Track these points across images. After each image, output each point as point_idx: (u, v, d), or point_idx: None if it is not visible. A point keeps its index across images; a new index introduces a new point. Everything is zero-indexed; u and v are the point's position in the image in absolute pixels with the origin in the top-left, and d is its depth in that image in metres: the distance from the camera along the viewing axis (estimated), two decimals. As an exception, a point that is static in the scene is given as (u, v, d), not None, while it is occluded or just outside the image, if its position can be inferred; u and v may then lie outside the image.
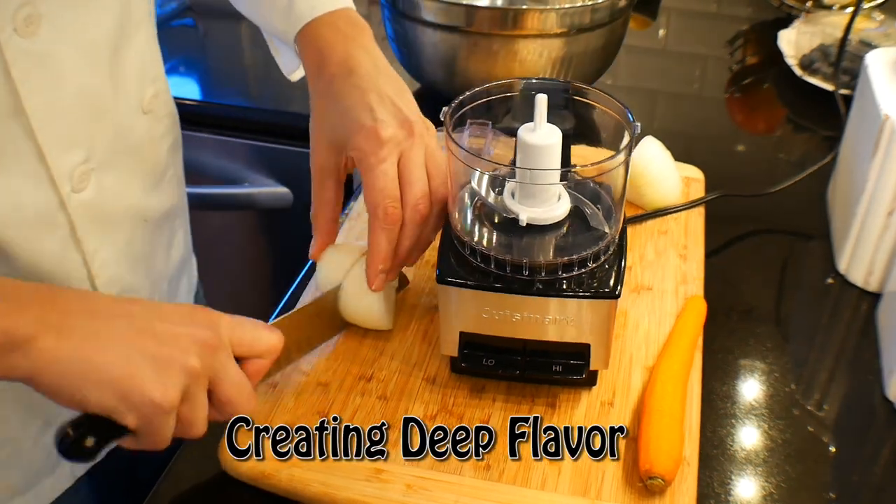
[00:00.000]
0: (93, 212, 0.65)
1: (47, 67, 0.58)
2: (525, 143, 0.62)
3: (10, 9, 0.54)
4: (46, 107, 0.59)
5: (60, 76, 0.59)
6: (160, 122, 0.74)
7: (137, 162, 0.71)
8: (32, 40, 0.56)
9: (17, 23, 0.55)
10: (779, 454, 0.68)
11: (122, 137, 0.68)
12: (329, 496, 0.62)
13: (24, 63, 0.56)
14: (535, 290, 0.63)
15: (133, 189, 0.71)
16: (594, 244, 0.63)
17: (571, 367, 0.66)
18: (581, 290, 0.62)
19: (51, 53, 0.58)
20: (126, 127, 0.68)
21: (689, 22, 1.46)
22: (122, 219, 0.70)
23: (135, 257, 0.73)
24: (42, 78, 0.58)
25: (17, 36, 0.55)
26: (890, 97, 0.81)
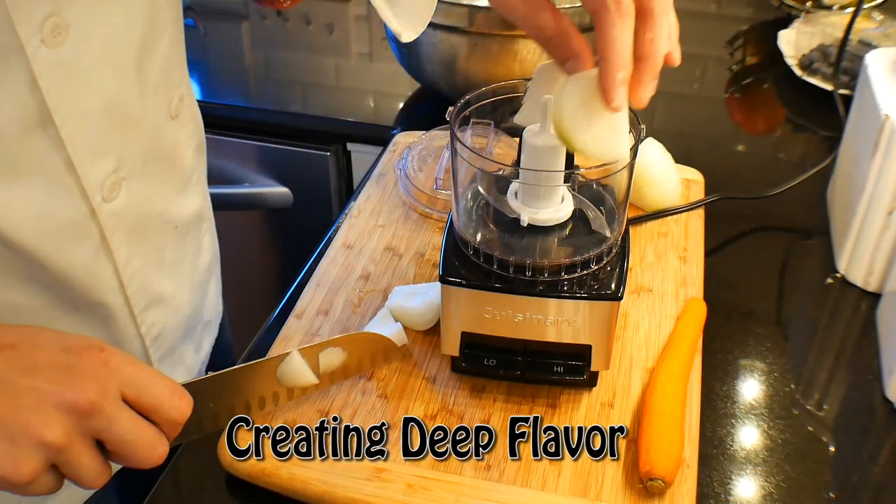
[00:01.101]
0: (124, 221, 0.65)
1: (75, 77, 0.57)
2: (530, 145, 0.63)
3: (36, 20, 0.53)
4: (75, 117, 0.58)
5: (88, 85, 0.58)
6: (186, 125, 0.73)
7: (167, 168, 0.70)
8: (60, 51, 0.55)
9: (45, 34, 0.54)
10: (779, 454, 0.68)
11: (152, 144, 0.67)
12: (329, 495, 0.62)
13: (52, 74, 0.55)
14: (538, 291, 0.63)
15: (163, 196, 0.70)
16: (597, 246, 0.63)
17: (572, 368, 0.66)
18: (583, 292, 0.62)
19: (78, 63, 0.57)
20: (155, 133, 0.67)
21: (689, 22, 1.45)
22: (152, 226, 0.69)
23: (165, 264, 0.72)
24: (70, 88, 0.57)
25: (45, 47, 0.54)
26: (890, 97, 0.81)
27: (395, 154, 0.99)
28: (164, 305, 0.72)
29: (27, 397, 0.48)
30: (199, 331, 0.82)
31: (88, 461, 0.50)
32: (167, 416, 0.53)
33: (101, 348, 0.51)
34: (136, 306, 0.68)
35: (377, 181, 0.95)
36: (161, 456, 0.53)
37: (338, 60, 1.35)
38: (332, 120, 1.20)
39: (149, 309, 0.70)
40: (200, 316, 0.82)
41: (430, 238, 0.86)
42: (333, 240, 0.86)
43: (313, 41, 1.38)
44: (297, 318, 0.77)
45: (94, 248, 0.63)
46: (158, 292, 0.71)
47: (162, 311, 0.72)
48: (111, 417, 0.50)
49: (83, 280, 0.63)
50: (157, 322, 0.72)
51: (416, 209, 0.90)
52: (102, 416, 0.49)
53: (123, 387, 0.51)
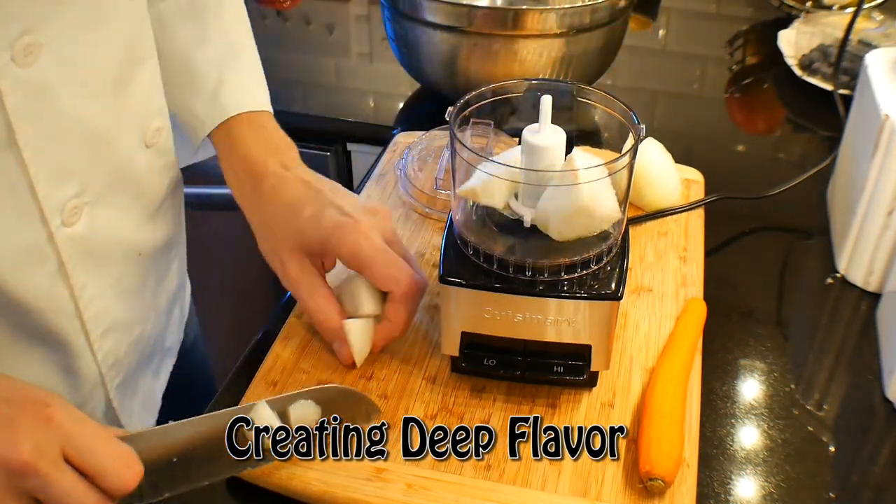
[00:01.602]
0: (83, 246, 0.63)
1: (44, 99, 0.56)
2: (529, 145, 0.63)
3: (9, 37, 0.52)
4: (40, 139, 0.57)
5: (58, 108, 0.57)
6: (162, 156, 0.72)
7: (135, 196, 0.69)
8: (30, 70, 0.54)
9: (16, 51, 0.53)
10: (779, 454, 0.68)
11: (121, 171, 0.66)
12: (329, 495, 0.62)
13: (20, 93, 0.54)
14: (538, 291, 0.63)
15: (128, 223, 0.69)
16: (597, 246, 0.63)
17: (572, 368, 0.66)
18: (583, 292, 0.62)
19: (49, 84, 0.56)
20: (126, 161, 0.66)
21: (689, 22, 1.46)
22: (113, 253, 0.68)
23: (125, 291, 0.71)
24: (38, 109, 0.56)
25: (15, 65, 0.53)
26: (890, 97, 0.81)
27: (395, 154, 0.99)
28: (122, 332, 0.71)
29: None
30: (160, 357, 0.81)
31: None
32: (110, 485, 0.50)
33: (46, 403, 0.49)
34: (92, 332, 0.67)
35: (377, 181, 0.95)
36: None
37: (338, 60, 1.35)
38: (332, 120, 1.20)
39: (106, 335, 0.69)
40: (161, 343, 0.81)
41: (430, 238, 0.86)
42: (333, 240, 0.86)
43: (313, 41, 1.38)
44: (297, 318, 0.77)
45: (50, 273, 0.62)
46: (116, 319, 0.70)
47: (119, 337, 0.71)
48: (47, 479, 0.47)
49: (38, 305, 0.62)
50: (114, 349, 0.70)
51: (416, 209, 0.90)
52: (37, 477, 0.47)
53: (66, 446, 0.48)
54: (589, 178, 0.60)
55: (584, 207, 0.61)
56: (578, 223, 0.62)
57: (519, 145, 0.65)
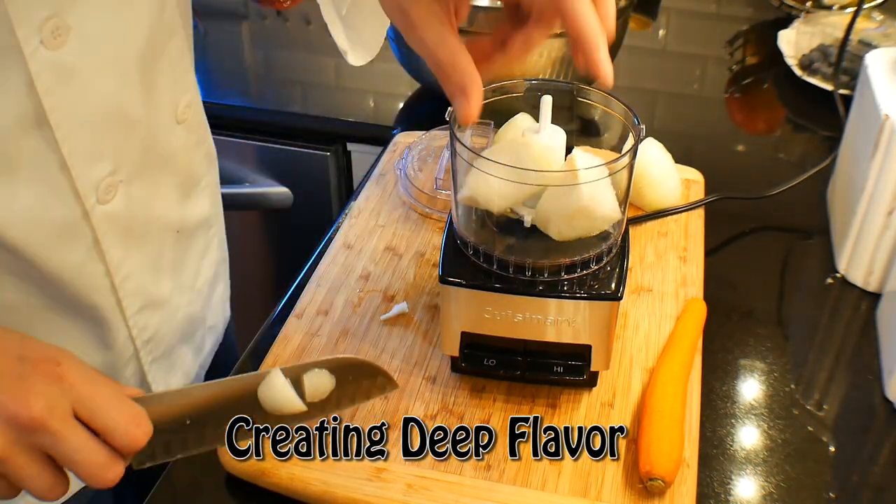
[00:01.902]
0: (119, 223, 0.64)
1: (74, 79, 0.57)
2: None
3: (37, 20, 0.53)
4: (72, 119, 0.58)
5: (87, 88, 0.58)
6: (194, 131, 0.73)
7: (171, 172, 0.70)
8: (59, 52, 0.55)
9: (44, 34, 0.54)
10: (779, 454, 0.68)
11: (155, 149, 0.66)
12: (329, 495, 0.62)
13: (50, 75, 0.55)
14: (538, 291, 0.63)
15: (165, 200, 0.70)
16: (597, 246, 0.63)
17: (572, 369, 0.66)
18: (583, 292, 0.62)
19: (78, 65, 0.57)
20: (159, 138, 0.67)
21: (689, 22, 1.46)
22: (151, 230, 0.69)
23: (163, 268, 0.72)
24: (68, 90, 0.57)
25: (44, 48, 0.54)
26: (890, 97, 0.81)
27: (395, 154, 0.99)
28: (160, 308, 0.72)
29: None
30: (201, 334, 0.82)
31: (34, 474, 0.49)
32: (119, 442, 0.51)
33: (58, 362, 0.50)
34: (128, 308, 0.68)
35: (377, 181, 0.95)
36: (112, 479, 0.51)
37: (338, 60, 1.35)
38: (332, 120, 1.20)
39: (142, 312, 0.70)
40: (203, 320, 0.82)
41: (430, 238, 0.86)
42: (333, 240, 0.86)
43: (313, 41, 1.38)
44: (297, 318, 0.77)
45: (85, 249, 0.63)
46: (154, 295, 0.71)
47: (157, 314, 0.72)
48: (56, 435, 0.48)
49: (74, 280, 0.63)
50: (151, 325, 0.71)
51: (416, 209, 0.90)
52: (46, 433, 0.48)
53: (76, 404, 0.49)
54: (589, 178, 0.60)
55: (584, 208, 0.61)
56: (578, 223, 0.62)
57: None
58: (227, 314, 0.89)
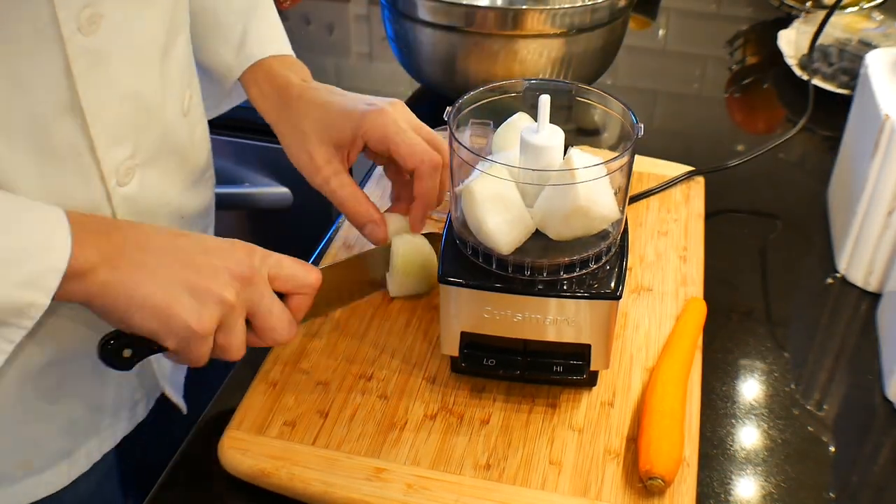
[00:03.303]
0: (135, 206, 0.67)
1: (103, 65, 0.60)
2: (528, 144, 0.63)
3: (76, 7, 0.57)
4: (100, 103, 0.61)
5: (114, 74, 0.62)
6: (196, 124, 0.76)
7: (180, 161, 0.73)
8: (92, 39, 0.59)
9: (81, 21, 0.57)
10: (779, 454, 0.68)
11: (167, 137, 0.70)
12: (329, 495, 0.62)
13: (84, 60, 0.59)
14: (537, 290, 0.63)
15: (173, 187, 0.73)
16: (596, 245, 0.63)
17: (572, 368, 0.66)
18: (582, 291, 0.63)
19: (107, 52, 0.60)
20: (171, 127, 0.70)
21: (688, 22, 1.46)
22: (161, 214, 0.72)
23: None
24: (98, 75, 0.60)
25: (80, 34, 0.58)
26: (890, 97, 0.81)
27: (394, 154, 0.99)
28: None
29: (207, 269, 0.58)
30: None
31: (240, 331, 0.61)
32: (304, 281, 0.64)
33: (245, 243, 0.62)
34: None
35: (377, 181, 0.95)
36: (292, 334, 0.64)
37: (338, 60, 1.35)
38: (332, 120, 1.20)
39: None
40: None
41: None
42: (333, 240, 0.86)
43: (313, 41, 1.38)
44: (296, 318, 0.77)
45: None
46: None
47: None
48: (262, 291, 0.61)
49: None
50: None
51: (416, 209, 0.89)
52: (256, 288, 0.60)
53: (268, 265, 0.62)
54: (586, 177, 0.60)
55: (581, 208, 0.61)
56: (576, 223, 0.62)
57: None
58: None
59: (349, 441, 0.65)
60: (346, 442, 0.65)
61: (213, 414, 0.71)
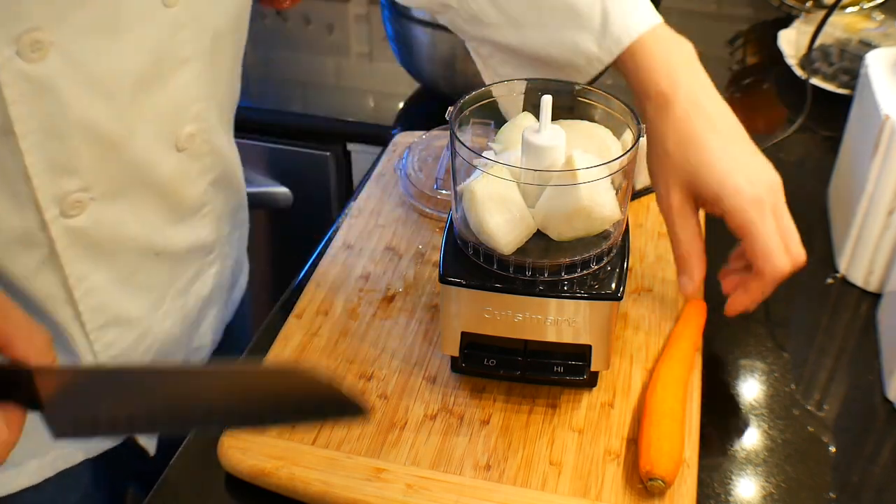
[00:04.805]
0: (84, 238, 0.64)
1: (48, 95, 0.57)
2: (530, 144, 0.63)
3: (15, 31, 0.54)
4: (41, 133, 0.58)
5: (62, 105, 0.58)
6: (198, 160, 0.72)
7: (158, 197, 0.69)
8: (35, 66, 0.56)
9: (21, 46, 0.54)
10: (779, 454, 0.68)
11: (139, 173, 0.66)
12: (329, 495, 0.62)
13: (21, 86, 0.56)
14: (538, 290, 0.63)
15: (145, 223, 0.69)
16: (597, 245, 0.63)
17: (572, 368, 0.66)
18: (583, 292, 0.63)
19: (54, 82, 0.57)
20: (146, 163, 0.66)
21: (689, 22, 1.46)
22: (124, 249, 0.68)
23: (137, 288, 0.71)
24: (39, 104, 0.57)
25: (19, 58, 0.55)
26: (890, 97, 0.81)
27: (395, 154, 0.99)
28: (128, 327, 0.71)
29: None
30: (183, 355, 0.81)
31: None
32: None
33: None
34: (87, 323, 0.68)
35: (377, 181, 0.95)
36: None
37: (338, 60, 1.35)
38: (332, 120, 1.20)
39: (106, 328, 0.69)
40: (187, 342, 0.81)
41: (430, 238, 0.86)
42: (333, 240, 0.86)
43: (313, 41, 1.38)
44: (296, 318, 0.77)
45: (40, 258, 0.63)
46: (121, 313, 0.70)
47: (123, 332, 0.71)
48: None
49: (28, 287, 0.64)
50: (116, 342, 0.71)
51: (416, 209, 0.90)
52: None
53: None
54: (588, 178, 0.60)
55: (583, 208, 0.61)
56: (578, 224, 0.62)
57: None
58: (217, 337, 0.87)
59: (349, 441, 0.65)
60: (346, 442, 0.65)
61: (213, 414, 0.71)
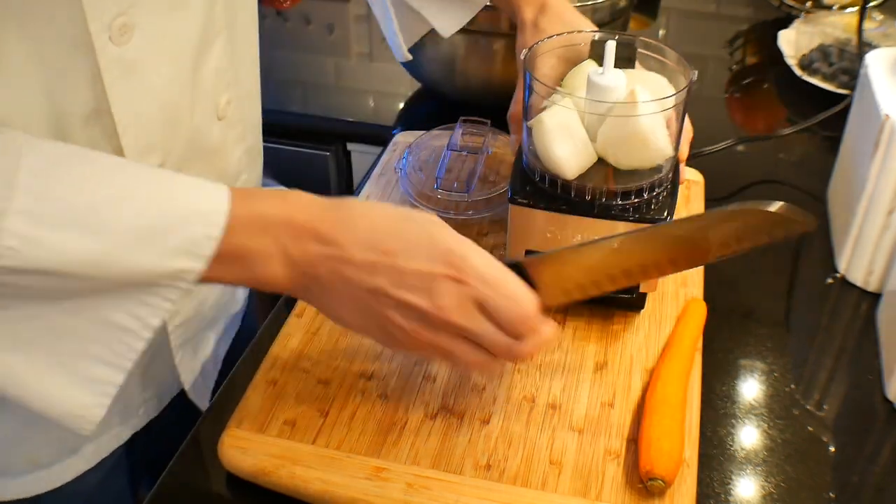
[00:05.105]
0: None
1: (135, 74, 0.60)
2: (594, 84, 0.69)
3: (107, 18, 0.56)
4: (130, 112, 0.60)
5: (145, 83, 0.61)
6: (233, 127, 0.75)
7: (208, 166, 0.72)
8: (125, 48, 0.58)
9: (113, 31, 0.57)
10: (779, 454, 0.68)
11: (196, 142, 0.69)
12: (330, 494, 0.62)
13: (115, 70, 0.58)
14: (595, 213, 0.69)
15: None
16: (650, 177, 0.70)
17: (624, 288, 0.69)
18: (636, 216, 0.69)
19: (139, 61, 0.60)
20: (200, 132, 0.69)
21: (689, 22, 1.46)
22: None
23: None
24: (129, 84, 0.60)
25: (112, 44, 0.57)
26: (890, 97, 0.81)
27: (395, 154, 0.99)
28: (193, 296, 0.74)
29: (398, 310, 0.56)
30: (224, 322, 0.84)
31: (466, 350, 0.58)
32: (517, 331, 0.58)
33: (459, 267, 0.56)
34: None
35: (377, 181, 0.95)
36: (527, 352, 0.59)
37: (338, 60, 1.35)
38: (332, 120, 1.20)
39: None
40: (228, 308, 0.84)
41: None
42: (333, 239, 0.86)
43: (313, 41, 1.38)
44: (297, 318, 0.77)
45: None
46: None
47: (190, 300, 0.74)
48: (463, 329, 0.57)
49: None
50: (183, 311, 0.73)
51: (417, 209, 0.89)
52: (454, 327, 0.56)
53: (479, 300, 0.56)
54: (646, 109, 0.66)
55: (640, 135, 0.67)
56: (635, 151, 0.68)
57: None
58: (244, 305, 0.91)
59: (349, 440, 0.65)
60: (346, 441, 0.65)
61: (213, 412, 0.71)
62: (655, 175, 0.70)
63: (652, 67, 0.75)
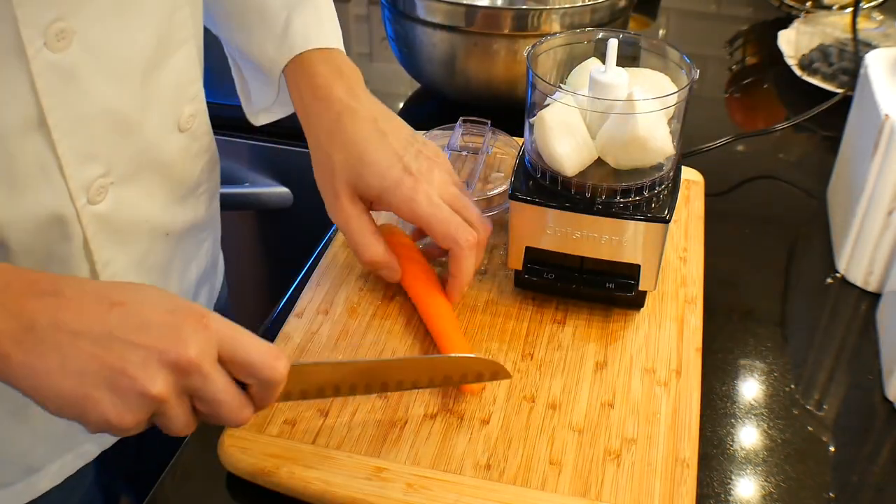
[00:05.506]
0: (108, 224, 0.65)
1: (73, 82, 0.58)
2: (596, 81, 0.70)
3: (42, 23, 0.54)
4: (68, 121, 0.59)
5: (86, 92, 0.59)
6: (197, 140, 0.73)
7: (164, 178, 0.70)
8: (62, 55, 0.56)
9: (49, 37, 0.55)
10: (779, 454, 0.68)
11: (150, 154, 0.67)
12: (329, 494, 0.62)
13: (51, 77, 0.56)
14: (595, 210, 0.70)
15: (155, 203, 0.70)
16: (650, 176, 0.70)
17: (623, 286, 0.73)
18: (636, 214, 0.69)
19: (79, 69, 0.58)
20: (155, 144, 0.67)
21: (689, 22, 1.46)
22: (139, 231, 0.69)
23: (151, 269, 0.72)
24: (67, 92, 0.58)
25: (47, 50, 0.55)
26: (890, 97, 0.81)
27: (395, 154, 0.99)
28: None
29: (135, 354, 0.50)
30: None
31: (181, 414, 0.53)
32: (261, 375, 0.54)
33: (203, 314, 0.53)
34: None
35: (377, 181, 0.95)
36: (245, 419, 0.55)
37: (338, 60, 1.35)
38: (332, 120, 1.19)
39: None
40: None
41: (430, 238, 0.86)
42: (333, 240, 0.86)
43: (313, 41, 1.38)
44: (297, 318, 0.77)
45: (75, 247, 0.64)
46: None
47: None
48: (207, 377, 0.52)
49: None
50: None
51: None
52: (199, 375, 0.51)
53: (220, 348, 0.53)
54: (645, 109, 0.67)
55: (639, 137, 0.67)
56: (634, 152, 0.69)
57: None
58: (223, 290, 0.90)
59: (349, 440, 0.65)
60: (346, 441, 0.65)
61: (213, 413, 0.71)
62: (657, 173, 0.70)
63: (654, 66, 0.76)
